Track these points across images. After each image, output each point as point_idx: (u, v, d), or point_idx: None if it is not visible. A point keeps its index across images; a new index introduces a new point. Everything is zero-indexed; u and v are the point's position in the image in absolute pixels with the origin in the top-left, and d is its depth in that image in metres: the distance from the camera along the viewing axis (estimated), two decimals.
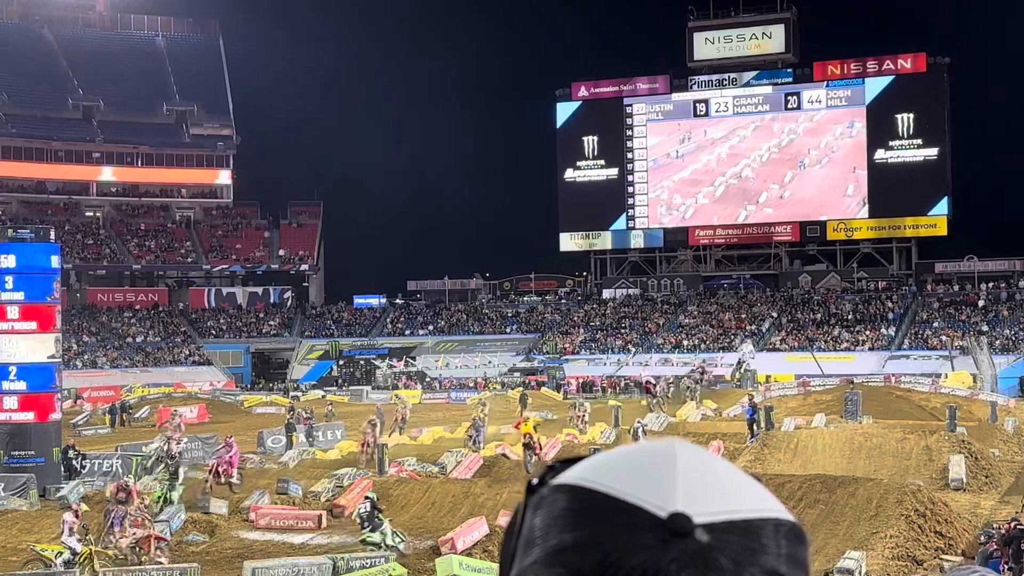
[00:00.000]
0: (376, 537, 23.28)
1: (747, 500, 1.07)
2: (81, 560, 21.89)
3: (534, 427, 33.91)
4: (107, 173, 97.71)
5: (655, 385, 51.64)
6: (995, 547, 20.81)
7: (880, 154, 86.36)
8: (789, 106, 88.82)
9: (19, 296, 31.44)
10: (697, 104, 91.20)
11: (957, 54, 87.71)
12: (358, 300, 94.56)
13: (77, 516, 22.84)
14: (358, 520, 24.04)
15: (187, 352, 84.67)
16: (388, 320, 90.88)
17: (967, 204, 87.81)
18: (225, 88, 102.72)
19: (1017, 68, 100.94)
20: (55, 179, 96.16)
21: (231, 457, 30.64)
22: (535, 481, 1.10)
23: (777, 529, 1.06)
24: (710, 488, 1.06)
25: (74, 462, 33.01)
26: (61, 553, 22.13)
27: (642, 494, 1.03)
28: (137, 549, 22.93)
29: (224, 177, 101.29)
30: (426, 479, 30.57)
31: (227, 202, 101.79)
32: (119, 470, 33.14)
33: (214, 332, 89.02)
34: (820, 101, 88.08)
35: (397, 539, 23.54)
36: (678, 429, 42.85)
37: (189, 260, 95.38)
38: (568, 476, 1.07)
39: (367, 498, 24.24)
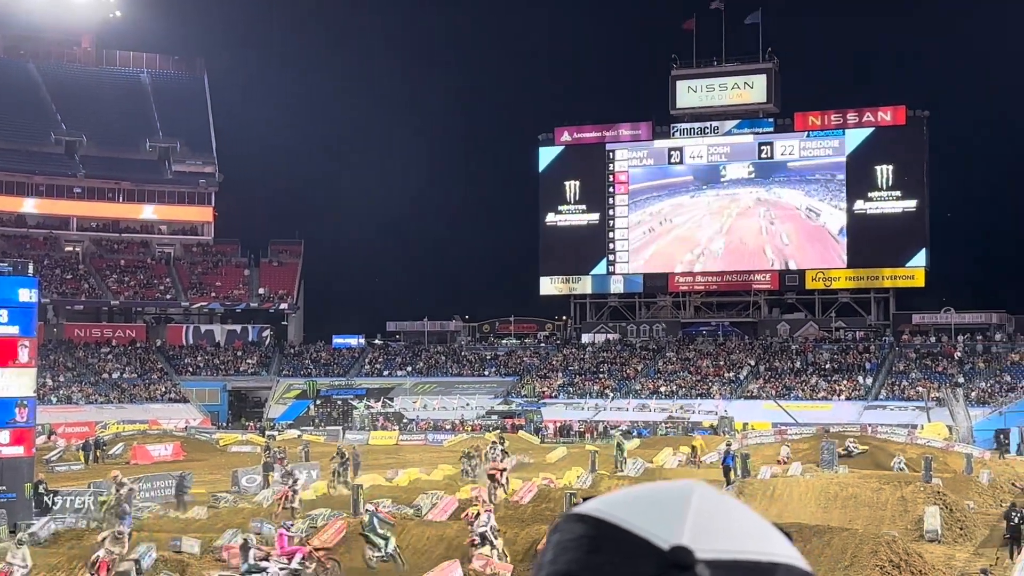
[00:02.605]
0: (379, 542, 24.98)
1: (760, 543, 1.07)
2: None
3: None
4: (88, 208, 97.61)
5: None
6: None
7: (859, 205, 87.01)
8: (770, 155, 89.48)
9: None
10: (678, 151, 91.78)
11: (936, 107, 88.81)
12: (337, 340, 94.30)
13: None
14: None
15: (163, 389, 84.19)
16: (366, 360, 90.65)
17: (944, 256, 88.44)
18: (208, 126, 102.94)
19: (994, 121, 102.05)
20: (35, 213, 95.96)
21: None
22: (570, 511, 1.16)
23: (788, 574, 1.07)
24: (722, 528, 1.07)
25: (44, 498, 32.70)
26: None
27: (649, 527, 1.06)
28: None
29: (205, 214, 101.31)
30: (401, 521, 30.37)
31: (208, 239, 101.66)
32: (91, 507, 32.84)
33: (191, 369, 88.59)
34: (800, 152, 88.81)
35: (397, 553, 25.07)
36: (654, 475, 42.81)
37: (168, 297, 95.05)
38: (584, 506, 1.13)
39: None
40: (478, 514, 27.10)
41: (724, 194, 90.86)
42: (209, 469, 47.48)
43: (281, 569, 23.87)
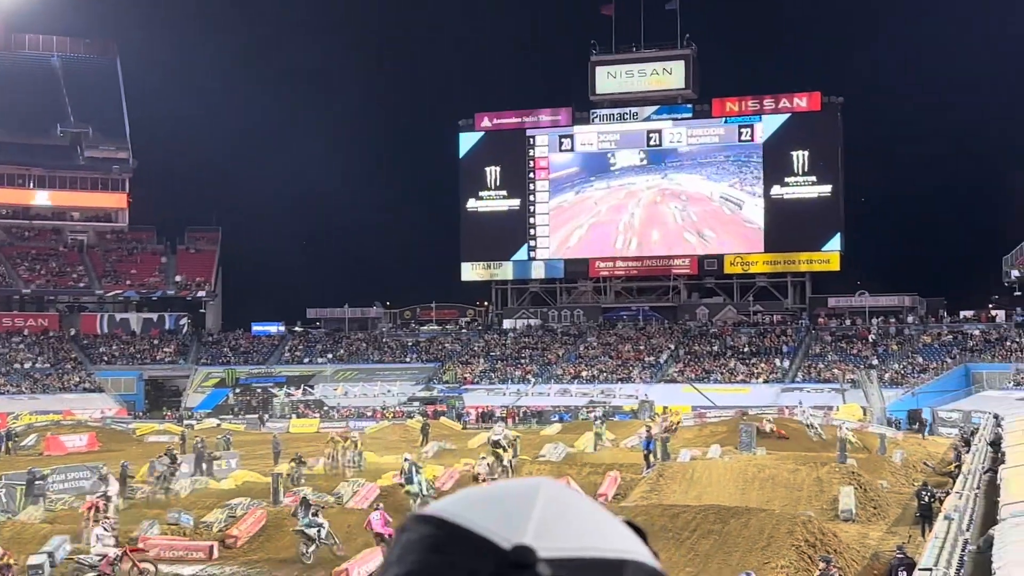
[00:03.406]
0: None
1: (606, 540, 1.07)
2: None
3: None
4: None
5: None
6: None
7: (776, 190, 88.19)
8: (688, 141, 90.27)
9: None
10: (598, 137, 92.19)
11: (850, 93, 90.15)
12: (256, 327, 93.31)
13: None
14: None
15: (77, 379, 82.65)
16: (286, 348, 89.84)
17: (859, 240, 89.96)
18: (122, 110, 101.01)
19: (906, 108, 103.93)
20: None
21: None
22: (416, 512, 1.16)
23: (636, 572, 1.06)
24: (567, 526, 1.07)
25: None
26: None
27: (492, 526, 1.06)
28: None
29: (119, 201, 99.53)
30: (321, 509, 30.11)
31: (122, 226, 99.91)
32: (2, 499, 32.13)
33: (106, 359, 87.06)
34: (718, 136, 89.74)
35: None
36: (576, 460, 42.98)
37: (81, 285, 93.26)
38: (430, 507, 1.13)
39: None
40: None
41: (642, 179, 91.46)
42: (125, 460, 46.62)
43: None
